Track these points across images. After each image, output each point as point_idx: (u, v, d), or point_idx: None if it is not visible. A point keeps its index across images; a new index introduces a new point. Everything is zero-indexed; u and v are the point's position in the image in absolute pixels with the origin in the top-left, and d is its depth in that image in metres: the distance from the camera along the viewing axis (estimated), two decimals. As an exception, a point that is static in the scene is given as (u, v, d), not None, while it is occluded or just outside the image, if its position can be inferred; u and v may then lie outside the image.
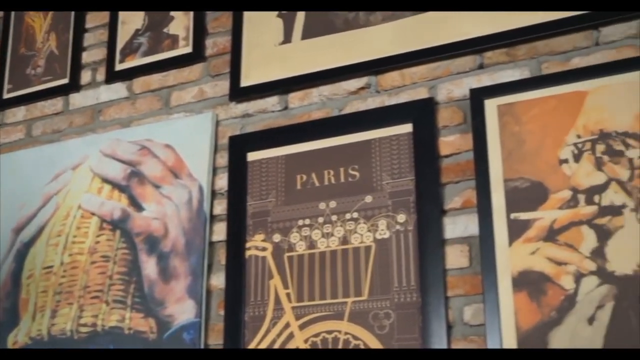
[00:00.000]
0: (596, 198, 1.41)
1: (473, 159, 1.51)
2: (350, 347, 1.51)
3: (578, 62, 1.49)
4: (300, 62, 1.75)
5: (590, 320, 1.36)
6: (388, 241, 1.55)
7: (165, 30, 1.96)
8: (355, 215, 1.59)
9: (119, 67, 2.00)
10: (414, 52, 1.62)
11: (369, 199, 1.59)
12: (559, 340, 1.36)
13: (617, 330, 1.33)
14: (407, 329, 1.48)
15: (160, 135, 1.86)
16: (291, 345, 1.57)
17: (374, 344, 1.50)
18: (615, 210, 1.39)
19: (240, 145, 1.76)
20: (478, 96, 1.54)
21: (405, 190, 1.56)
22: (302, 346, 1.56)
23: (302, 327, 1.58)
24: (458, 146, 1.55)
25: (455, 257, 1.49)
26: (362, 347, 1.51)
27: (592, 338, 1.34)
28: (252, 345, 1.60)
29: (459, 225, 1.50)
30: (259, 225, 1.68)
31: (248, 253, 1.67)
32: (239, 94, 1.80)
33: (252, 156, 1.74)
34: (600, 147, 1.43)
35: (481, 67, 1.57)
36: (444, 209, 1.52)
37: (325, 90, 1.71)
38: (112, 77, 2.00)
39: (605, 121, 1.43)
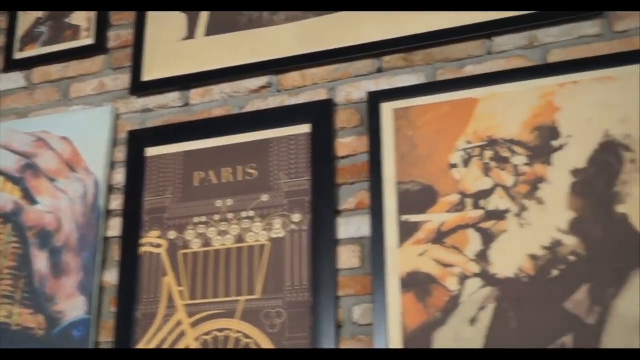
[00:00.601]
0: (482, 203, 1.45)
1: (368, 161, 1.53)
2: (241, 345, 1.51)
3: (471, 69, 1.53)
4: (202, 59, 1.74)
5: (473, 321, 1.40)
6: (283, 240, 1.55)
7: (67, 20, 1.91)
8: (251, 213, 1.59)
9: (18, 55, 1.94)
10: (315, 54, 1.64)
11: (265, 197, 1.59)
12: (442, 340, 1.40)
13: (497, 331, 1.37)
14: (297, 328, 1.49)
15: (58, 127, 1.81)
16: (182, 343, 1.55)
17: (265, 342, 1.50)
18: (499, 215, 1.43)
19: (139, 140, 1.73)
20: (375, 99, 1.56)
21: (302, 190, 1.57)
22: (193, 344, 1.54)
23: (193, 325, 1.56)
24: (354, 148, 1.57)
25: (347, 258, 1.51)
26: (253, 346, 1.50)
27: (474, 338, 1.38)
28: (142, 343, 1.57)
29: (352, 226, 1.52)
30: (155, 222, 1.66)
31: (143, 249, 1.65)
32: (140, 88, 1.77)
33: (150, 152, 1.72)
34: (488, 154, 1.47)
35: (380, 71, 1.60)
36: (338, 210, 1.54)
37: (227, 88, 1.71)
38: (11, 66, 1.94)
39: (494, 128, 1.48)
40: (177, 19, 1.80)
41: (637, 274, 1.33)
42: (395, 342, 1.42)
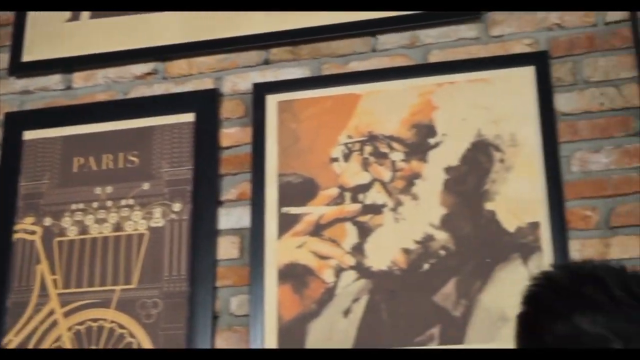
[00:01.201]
0: (360, 197, 1.48)
1: (251, 153, 1.53)
2: (114, 336, 1.48)
3: (356, 65, 1.56)
4: (87, 42, 1.69)
5: (346, 312, 1.42)
6: (162, 230, 1.54)
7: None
8: (130, 202, 1.56)
9: None
10: (203, 42, 1.62)
11: (146, 186, 1.57)
12: (317, 331, 1.42)
13: (370, 323, 1.41)
14: (173, 318, 1.48)
15: None
16: (53, 333, 1.51)
17: (140, 333, 1.48)
18: (376, 209, 1.47)
19: (16, 123, 1.66)
20: (260, 91, 1.57)
21: (183, 179, 1.55)
22: (65, 335, 1.50)
23: (66, 314, 1.52)
24: (238, 139, 1.56)
25: (227, 248, 1.51)
26: (127, 336, 1.48)
27: (347, 330, 1.41)
28: (12, 333, 1.52)
29: (232, 217, 1.52)
30: (30, 208, 1.60)
31: (16, 236, 1.59)
32: (19, 68, 1.70)
33: (28, 135, 1.65)
34: (368, 149, 1.50)
35: (266, 62, 1.60)
36: (219, 200, 1.53)
37: (111, 72, 1.67)
38: None
39: (375, 124, 1.51)
40: (61, -1, 1.74)
41: (502, 268, 1.39)
42: (270, 333, 1.43)
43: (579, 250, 1.37)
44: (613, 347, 0.69)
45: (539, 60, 1.47)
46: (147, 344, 1.47)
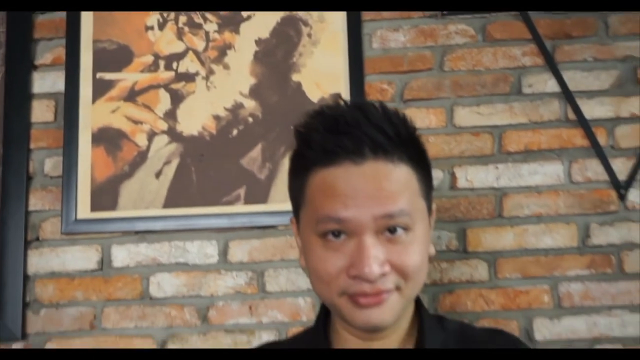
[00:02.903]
0: (174, 65, 1.54)
1: (65, 18, 1.54)
2: None
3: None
4: None
5: (158, 174, 1.51)
6: (-26, 92, 1.53)
7: None
8: (-60, 63, 1.54)
9: None
10: None
11: (-44, 48, 1.55)
12: (128, 192, 1.50)
13: (179, 184, 1.50)
14: None
15: None
16: None
17: None
18: (189, 77, 1.53)
19: None
20: (77, -44, 1.56)
21: (-4, 42, 1.54)
22: None
23: None
24: (53, 3, 1.56)
25: (41, 112, 1.53)
26: None
27: (158, 190, 1.50)
28: None
29: (47, 81, 1.54)
30: None
31: None
32: None
33: None
34: (182, 19, 1.55)
35: None
36: (34, 64, 1.54)
37: None
38: None
39: (190, -5, 1.55)
40: None
41: (304, 135, 1.50)
42: (83, 193, 1.50)
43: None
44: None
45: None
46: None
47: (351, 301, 0.86)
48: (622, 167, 1.45)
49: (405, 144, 0.85)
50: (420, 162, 0.88)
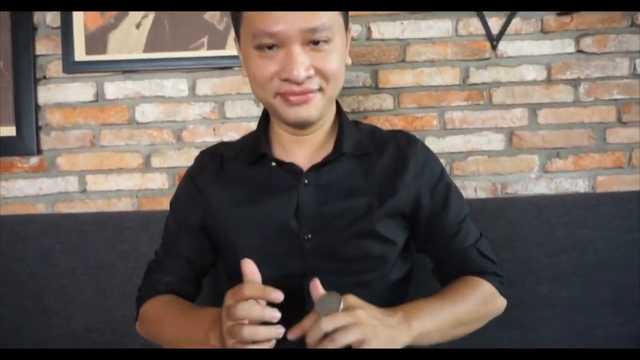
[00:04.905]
0: None
1: None
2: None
3: None
4: None
5: (138, 25, 1.85)
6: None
7: None
8: None
9: None
10: None
11: None
12: (115, 38, 1.84)
13: (156, 33, 1.84)
14: None
15: None
16: None
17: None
18: (160, -54, 1.86)
19: None
20: None
21: None
22: None
23: None
24: None
25: (40, -27, 1.86)
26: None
27: (139, 38, 1.84)
28: None
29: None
30: None
31: None
32: None
33: None
34: None
35: None
36: None
37: None
38: None
39: None
40: None
41: None
42: (79, 39, 1.85)
43: None
44: None
45: None
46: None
47: (283, 100, 1.00)
48: (495, 24, 1.87)
49: None
50: None
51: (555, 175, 1.86)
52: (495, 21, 1.83)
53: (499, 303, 1.17)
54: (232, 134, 1.84)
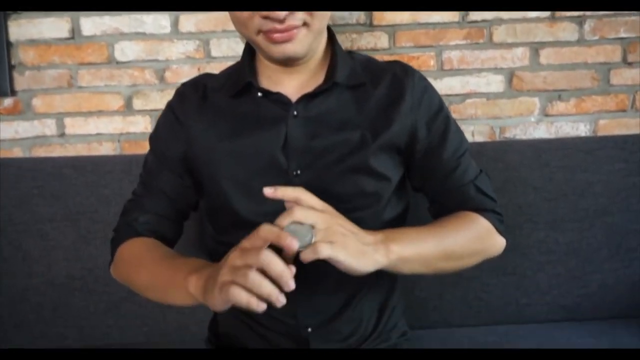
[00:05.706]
0: None
1: None
2: None
3: None
4: None
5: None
6: None
7: None
8: None
9: None
10: None
11: None
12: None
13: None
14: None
15: None
16: None
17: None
18: None
19: None
20: None
21: None
22: None
23: None
24: None
25: None
26: None
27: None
28: None
29: None
30: None
31: None
32: None
33: None
34: None
35: None
36: None
37: None
38: None
39: None
40: None
41: None
42: None
43: None
44: None
45: None
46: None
47: (266, 38, 0.96)
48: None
49: None
50: None
51: (556, 119, 1.79)
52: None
53: (497, 241, 1.12)
54: (217, 74, 1.75)
